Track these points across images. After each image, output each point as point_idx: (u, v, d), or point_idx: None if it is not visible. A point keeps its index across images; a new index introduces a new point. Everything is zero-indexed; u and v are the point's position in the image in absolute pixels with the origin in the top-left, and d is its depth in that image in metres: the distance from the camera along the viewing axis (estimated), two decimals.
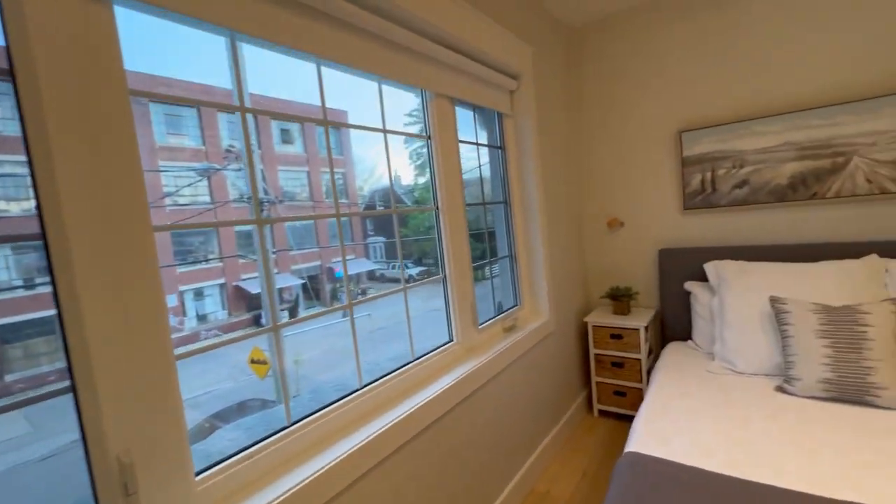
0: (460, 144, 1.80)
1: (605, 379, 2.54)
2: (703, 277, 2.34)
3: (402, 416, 1.29)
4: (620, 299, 2.56)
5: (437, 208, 1.72)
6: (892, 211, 1.98)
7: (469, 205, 1.89)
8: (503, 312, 2.13)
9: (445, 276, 1.75)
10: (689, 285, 2.35)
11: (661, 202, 2.55)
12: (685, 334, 2.42)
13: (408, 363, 1.54)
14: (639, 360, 2.42)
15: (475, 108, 2.05)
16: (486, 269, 2.20)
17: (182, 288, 5.69)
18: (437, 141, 1.69)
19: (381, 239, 8.44)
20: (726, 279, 2.09)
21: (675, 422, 1.55)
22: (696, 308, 2.28)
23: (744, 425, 1.49)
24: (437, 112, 1.68)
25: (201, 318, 5.84)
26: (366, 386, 1.36)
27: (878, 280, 1.81)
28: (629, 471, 1.29)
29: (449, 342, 1.75)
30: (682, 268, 2.42)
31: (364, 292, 7.59)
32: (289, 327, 1.16)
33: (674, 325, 2.47)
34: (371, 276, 8.14)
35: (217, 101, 1.14)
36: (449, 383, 1.50)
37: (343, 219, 1.37)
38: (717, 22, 2.26)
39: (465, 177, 1.85)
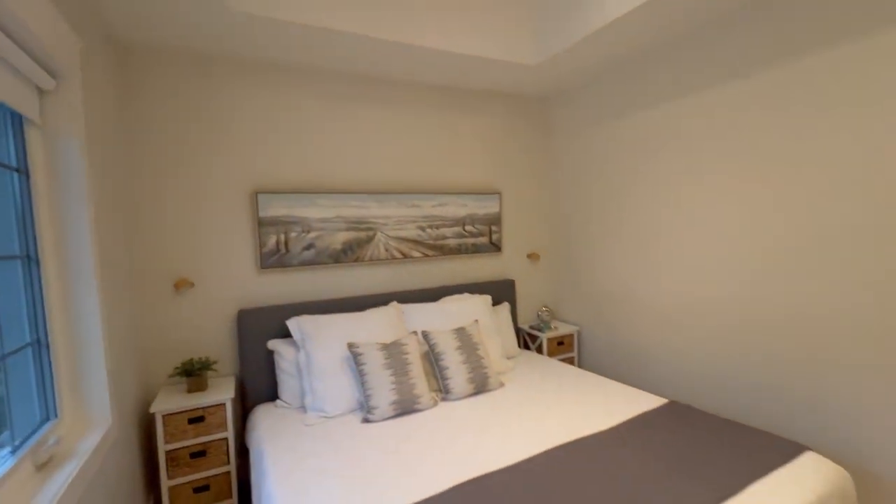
0: None
1: (181, 479, 2.04)
2: (284, 334, 2.43)
3: None
4: (197, 374, 2.18)
5: None
6: (400, 270, 2.90)
7: None
8: (25, 442, 1.28)
9: None
10: (273, 343, 2.36)
11: (239, 261, 2.45)
12: (270, 395, 2.38)
13: None
14: (225, 439, 2.13)
15: None
16: None
17: None
18: None
19: None
20: (309, 333, 2.28)
21: (309, 495, 1.50)
22: (281, 365, 2.32)
23: (359, 464, 1.66)
24: None
25: None
26: None
27: (401, 319, 2.57)
28: None
29: None
30: (262, 327, 2.40)
31: None
32: None
33: (257, 389, 2.37)
34: None
35: None
36: None
37: None
38: (285, 100, 2.53)
39: None
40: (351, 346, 2.19)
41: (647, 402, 2.10)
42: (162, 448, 2.00)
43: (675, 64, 2.44)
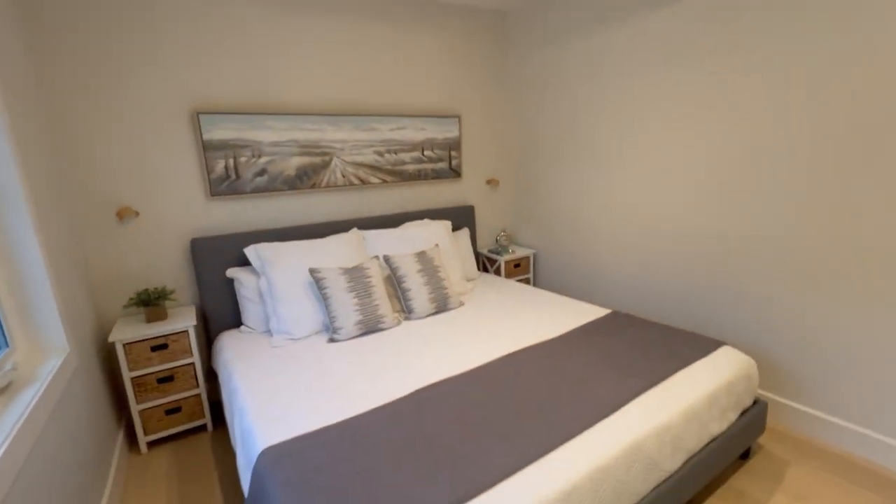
0: None
1: (151, 403, 2.09)
2: (241, 263, 2.40)
3: None
4: (155, 303, 2.15)
5: None
6: (359, 197, 2.86)
7: None
8: None
9: None
10: (233, 272, 2.34)
11: (185, 188, 2.32)
12: (234, 322, 2.40)
13: None
14: (192, 364, 2.17)
15: None
16: None
17: None
18: None
19: None
20: (269, 260, 2.26)
21: (281, 402, 1.59)
22: (242, 293, 2.32)
23: (327, 376, 1.76)
24: None
25: None
26: None
27: (362, 245, 2.59)
28: (281, 463, 1.22)
29: None
30: (218, 256, 2.36)
31: None
32: None
33: (219, 316, 2.38)
34: None
35: None
36: None
37: None
38: (225, 9, 2.27)
39: None
40: (313, 271, 2.20)
41: (593, 312, 2.30)
42: (127, 375, 2.02)
43: None
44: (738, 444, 1.69)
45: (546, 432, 1.32)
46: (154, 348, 2.07)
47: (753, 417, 1.74)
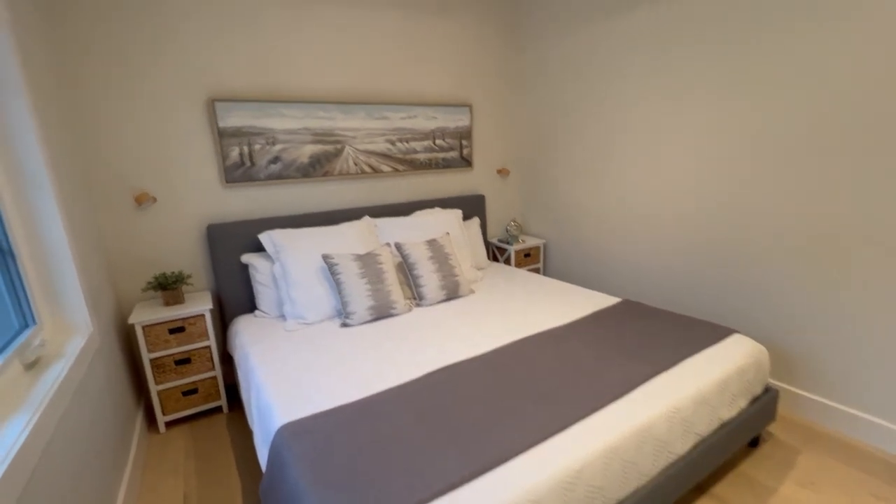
0: None
1: (169, 384, 2.15)
2: (256, 249, 2.44)
3: None
4: (172, 287, 2.20)
5: None
6: (371, 185, 2.88)
7: None
8: (10, 344, 1.31)
9: None
10: (247, 258, 2.38)
11: (201, 175, 2.36)
12: (248, 307, 2.45)
13: None
14: (209, 347, 2.22)
15: None
16: None
17: None
18: None
19: None
20: (282, 245, 2.30)
21: (296, 382, 1.63)
22: (256, 278, 2.36)
23: (340, 359, 1.80)
24: None
25: None
26: None
27: (374, 233, 2.61)
28: (298, 438, 1.26)
29: None
30: (233, 242, 2.40)
31: None
32: None
33: (234, 301, 2.43)
34: None
35: None
36: None
37: None
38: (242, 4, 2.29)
39: None
40: (326, 257, 2.24)
41: (603, 301, 2.30)
42: (146, 356, 2.08)
43: None
44: (748, 431, 1.69)
45: (557, 413, 1.34)
46: (172, 331, 2.12)
47: (764, 405, 1.75)
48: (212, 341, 2.22)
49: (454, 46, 3.04)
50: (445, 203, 3.07)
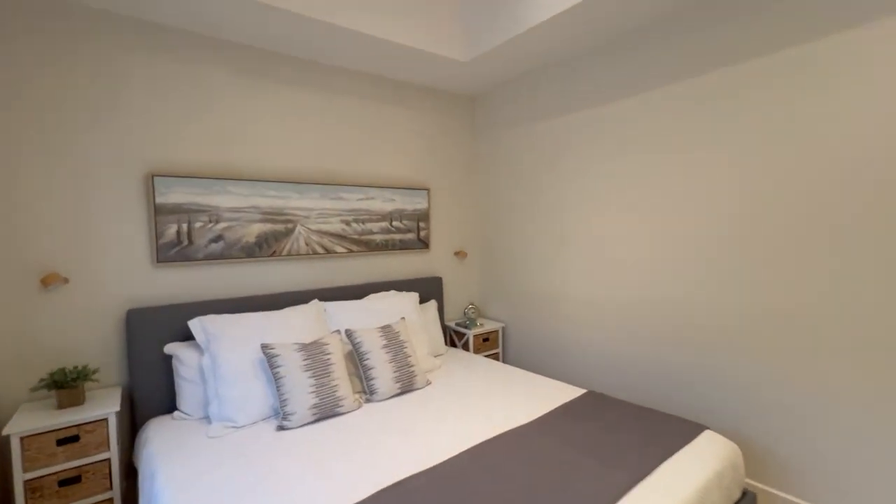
0: None
1: None
2: (184, 337, 2.15)
3: None
4: (71, 385, 1.84)
5: None
6: (322, 266, 2.72)
7: None
8: None
9: None
10: (171, 347, 2.08)
11: (128, 253, 2.12)
12: (167, 407, 2.09)
13: None
14: (107, 460, 1.83)
15: None
16: None
17: None
18: None
19: None
20: (215, 334, 2.04)
21: None
22: (180, 372, 2.04)
23: (274, 475, 1.50)
24: None
25: None
26: None
27: (322, 318, 2.40)
28: None
29: None
30: (156, 330, 2.10)
31: None
32: None
33: (150, 400, 2.07)
34: None
35: None
36: None
37: None
38: (188, 69, 2.25)
39: None
40: (265, 347, 1.99)
41: (567, 393, 2.17)
42: (20, 477, 1.65)
43: (595, 71, 2.57)
44: None
45: None
46: (61, 441, 1.73)
47: None
48: (113, 452, 1.83)
49: (414, 133, 3.13)
50: (401, 285, 2.94)
